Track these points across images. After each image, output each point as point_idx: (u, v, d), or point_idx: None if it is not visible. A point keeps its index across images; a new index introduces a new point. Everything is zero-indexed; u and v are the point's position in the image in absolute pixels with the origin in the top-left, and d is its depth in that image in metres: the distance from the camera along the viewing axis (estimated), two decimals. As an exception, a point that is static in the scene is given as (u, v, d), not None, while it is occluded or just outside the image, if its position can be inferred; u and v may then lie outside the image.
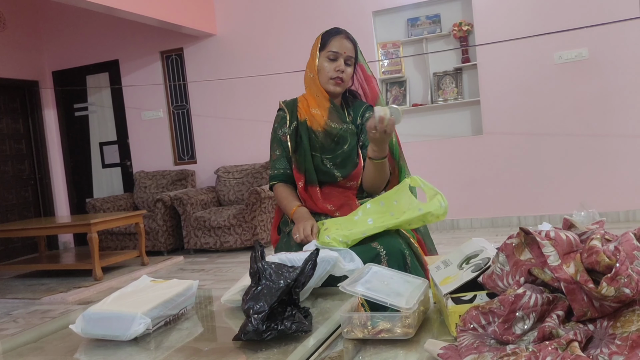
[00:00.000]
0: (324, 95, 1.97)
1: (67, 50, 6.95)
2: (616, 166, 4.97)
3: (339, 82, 1.94)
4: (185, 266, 5.31)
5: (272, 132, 2.06)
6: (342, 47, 1.93)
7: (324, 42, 1.95)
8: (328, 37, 1.95)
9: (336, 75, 1.92)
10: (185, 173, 6.39)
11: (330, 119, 1.97)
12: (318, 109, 1.98)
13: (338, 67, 1.92)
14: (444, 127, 5.57)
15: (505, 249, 1.03)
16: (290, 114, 2.02)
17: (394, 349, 1.05)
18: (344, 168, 1.95)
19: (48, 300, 4.41)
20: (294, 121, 2.00)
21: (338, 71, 1.92)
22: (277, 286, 1.13)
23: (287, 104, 2.06)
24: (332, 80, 1.93)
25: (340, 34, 1.95)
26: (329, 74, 1.93)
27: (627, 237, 0.91)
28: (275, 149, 2.02)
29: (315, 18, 5.76)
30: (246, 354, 1.08)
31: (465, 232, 5.37)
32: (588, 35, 4.89)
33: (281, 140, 2.01)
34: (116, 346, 1.18)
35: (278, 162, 2.01)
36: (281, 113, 2.05)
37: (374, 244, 1.70)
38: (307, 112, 1.99)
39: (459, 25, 5.34)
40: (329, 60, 1.93)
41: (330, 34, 1.96)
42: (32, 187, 6.98)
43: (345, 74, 1.93)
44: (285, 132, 2.00)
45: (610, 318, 0.87)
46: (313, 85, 1.98)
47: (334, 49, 1.92)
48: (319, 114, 1.97)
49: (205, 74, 6.35)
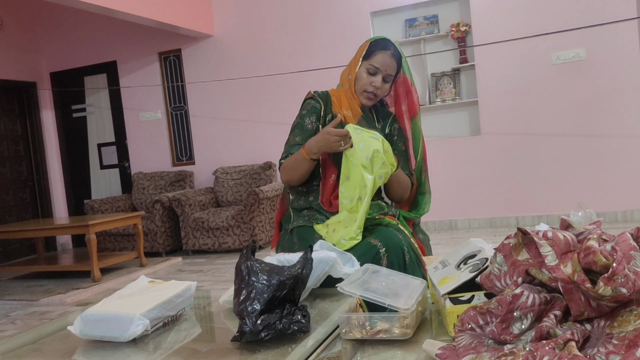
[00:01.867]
0: (356, 102, 1.94)
1: (65, 52, 6.95)
2: (614, 166, 4.98)
3: (371, 98, 1.91)
4: (183, 267, 5.31)
5: (298, 117, 1.98)
6: (385, 64, 1.88)
7: (370, 52, 1.90)
8: (375, 48, 1.90)
9: (371, 90, 1.89)
10: (183, 174, 6.38)
11: (361, 124, 1.92)
12: (350, 112, 1.94)
13: (375, 82, 1.88)
14: (442, 127, 5.58)
15: (502, 249, 1.03)
16: (324, 105, 1.96)
17: (392, 349, 1.05)
18: None
19: (46, 301, 4.41)
20: (329, 114, 1.96)
21: (374, 87, 1.89)
22: (268, 285, 1.13)
23: (320, 95, 1.99)
24: (365, 93, 1.90)
25: (387, 50, 1.89)
26: (364, 86, 1.89)
27: (624, 237, 0.92)
28: (296, 134, 1.95)
29: (313, 19, 5.76)
30: (244, 355, 1.08)
31: (463, 232, 5.38)
32: (585, 36, 4.90)
33: (306, 129, 1.94)
34: (114, 347, 1.18)
35: (294, 148, 1.91)
36: (313, 102, 1.97)
37: (374, 240, 1.71)
38: (340, 109, 1.95)
39: (457, 25, 5.35)
40: (368, 73, 1.89)
41: (379, 45, 1.90)
42: (30, 188, 6.97)
43: (380, 91, 1.91)
44: (312, 121, 1.95)
45: (608, 318, 0.88)
46: (348, 87, 1.95)
47: (375, 64, 1.88)
48: (350, 116, 1.93)
49: (203, 75, 6.35)
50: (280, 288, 1.13)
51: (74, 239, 7.08)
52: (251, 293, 1.12)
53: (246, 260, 1.18)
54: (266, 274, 1.15)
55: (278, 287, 1.13)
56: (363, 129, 1.78)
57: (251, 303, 1.10)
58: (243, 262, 1.18)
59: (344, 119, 1.92)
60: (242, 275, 1.16)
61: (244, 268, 1.17)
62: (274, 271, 1.16)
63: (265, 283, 1.13)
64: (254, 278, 1.14)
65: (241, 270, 1.17)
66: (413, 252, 1.73)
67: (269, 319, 1.09)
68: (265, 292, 1.12)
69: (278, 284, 1.13)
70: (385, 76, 1.90)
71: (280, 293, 1.13)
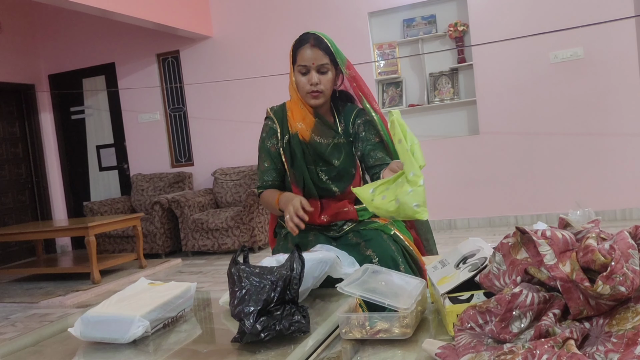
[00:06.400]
0: (307, 109, 1.85)
1: (63, 54, 6.94)
2: (612, 165, 4.98)
3: (317, 95, 1.79)
4: (183, 268, 5.31)
5: (260, 141, 1.93)
6: (310, 58, 1.77)
7: (294, 55, 1.81)
8: (296, 48, 1.81)
9: (311, 90, 1.78)
10: (182, 175, 6.38)
11: (316, 133, 1.85)
12: (302, 123, 1.85)
13: (311, 80, 1.77)
14: (440, 127, 5.58)
15: (501, 248, 1.03)
16: (280, 125, 1.89)
17: (392, 349, 1.05)
18: (340, 182, 1.87)
19: (46, 303, 4.40)
20: (286, 134, 1.87)
21: (312, 84, 1.78)
22: (261, 286, 1.14)
23: (275, 113, 1.92)
24: (308, 94, 1.80)
25: (306, 43, 1.78)
26: (304, 88, 1.80)
27: (623, 236, 0.92)
28: (264, 159, 1.91)
29: (311, 20, 5.76)
30: (245, 356, 1.08)
31: (463, 231, 5.38)
32: (583, 35, 4.91)
33: (270, 151, 1.89)
34: (115, 349, 1.18)
35: (267, 174, 1.90)
36: (270, 123, 1.91)
37: (367, 251, 1.71)
38: (294, 123, 1.87)
39: (455, 25, 5.36)
40: (301, 74, 1.80)
41: (298, 44, 1.80)
42: (29, 190, 6.97)
43: (322, 85, 1.79)
44: (274, 144, 1.89)
45: (606, 316, 0.88)
46: (296, 98, 1.86)
47: (302, 63, 1.78)
48: (303, 128, 1.85)
49: (201, 76, 6.35)
50: (272, 288, 1.15)
51: (74, 241, 7.08)
52: (245, 295, 1.14)
53: (235, 264, 1.21)
54: (257, 276, 1.17)
55: (270, 287, 1.15)
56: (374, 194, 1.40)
57: (247, 304, 1.12)
58: (232, 266, 1.21)
59: (301, 136, 1.83)
60: (233, 279, 1.19)
61: (234, 271, 1.19)
62: (264, 273, 1.18)
63: (256, 284, 1.15)
64: (246, 281, 1.16)
65: (232, 274, 1.20)
66: (407, 262, 1.73)
67: (268, 321, 1.10)
68: (259, 292, 1.14)
69: (270, 284, 1.15)
70: (318, 68, 1.78)
71: (274, 293, 1.14)
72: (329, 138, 1.85)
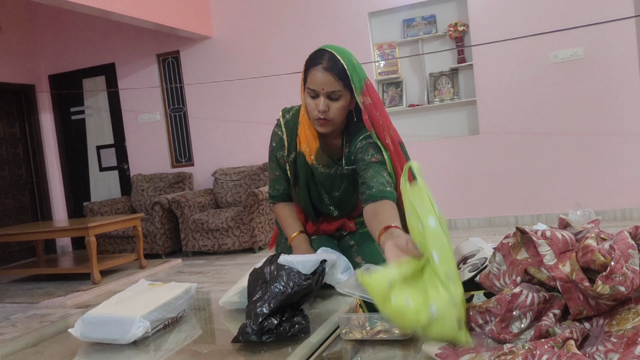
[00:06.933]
0: (312, 133, 1.67)
1: (63, 54, 6.95)
2: (612, 165, 4.98)
3: (323, 123, 1.59)
4: (183, 269, 5.31)
5: (270, 148, 1.80)
6: (320, 82, 1.54)
7: (306, 73, 1.59)
8: (308, 67, 1.58)
9: (318, 117, 1.58)
10: (182, 176, 6.38)
11: (318, 161, 1.71)
12: (307, 146, 1.70)
13: (319, 106, 1.56)
14: (440, 127, 5.58)
15: (501, 248, 1.03)
16: (289, 138, 1.74)
17: (392, 349, 1.05)
18: (340, 208, 1.80)
19: (46, 304, 4.40)
20: (293, 151, 1.75)
21: (319, 112, 1.57)
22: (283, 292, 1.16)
23: (287, 124, 1.75)
24: (316, 121, 1.61)
25: (317, 65, 1.55)
26: (311, 113, 1.60)
27: (622, 236, 0.92)
28: (274, 168, 1.80)
29: (311, 20, 5.77)
30: (245, 356, 1.08)
31: (463, 231, 5.38)
32: (583, 35, 4.91)
33: (279, 162, 1.78)
34: (115, 350, 1.18)
35: (278, 183, 1.81)
36: (279, 133, 1.76)
37: (357, 258, 1.72)
38: (301, 143, 1.73)
39: (455, 25, 5.36)
40: (310, 97, 1.59)
41: (310, 63, 1.58)
42: (29, 191, 6.97)
43: (331, 112, 1.57)
44: (282, 156, 1.77)
45: (606, 316, 0.88)
46: (305, 118, 1.68)
47: (311, 86, 1.56)
48: (307, 152, 1.71)
49: (201, 77, 6.35)
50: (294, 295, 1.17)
51: (74, 242, 7.08)
52: (265, 295, 1.15)
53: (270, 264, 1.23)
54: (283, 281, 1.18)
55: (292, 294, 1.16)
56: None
57: (261, 305, 1.12)
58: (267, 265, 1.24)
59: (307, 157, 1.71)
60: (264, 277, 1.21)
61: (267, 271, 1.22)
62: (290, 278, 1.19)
63: (281, 289, 1.16)
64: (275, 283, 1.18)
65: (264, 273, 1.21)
66: None
67: (270, 324, 1.10)
68: (278, 296, 1.15)
69: (292, 292, 1.16)
70: (328, 94, 1.56)
71: (290, 300, 1.16)
72: (330, 168, 1.71)
